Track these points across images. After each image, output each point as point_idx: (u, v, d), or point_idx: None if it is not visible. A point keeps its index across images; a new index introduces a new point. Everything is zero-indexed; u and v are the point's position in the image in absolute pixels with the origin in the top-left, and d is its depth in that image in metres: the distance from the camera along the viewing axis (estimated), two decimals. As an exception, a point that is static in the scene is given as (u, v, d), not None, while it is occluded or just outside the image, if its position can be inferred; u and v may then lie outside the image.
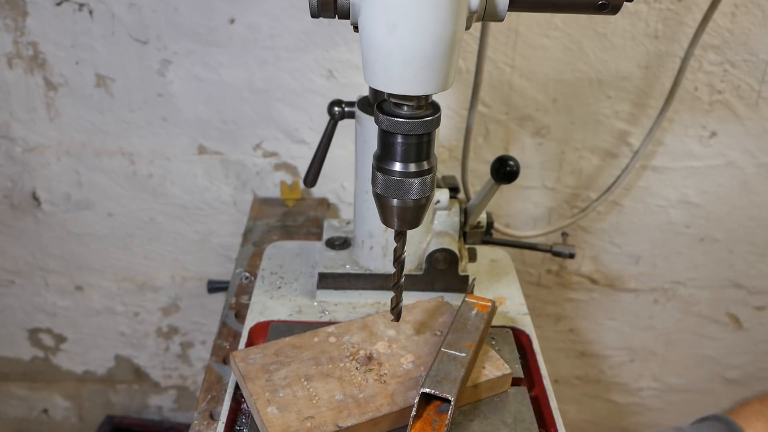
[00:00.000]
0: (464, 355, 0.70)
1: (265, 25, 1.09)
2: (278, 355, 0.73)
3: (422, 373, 0.71)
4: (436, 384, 0.65)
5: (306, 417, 0.65)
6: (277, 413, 0.66)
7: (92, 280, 1.36)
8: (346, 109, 0.83)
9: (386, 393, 0.69)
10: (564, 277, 1.36)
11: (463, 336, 0.73)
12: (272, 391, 0.68)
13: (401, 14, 0.51)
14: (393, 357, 0.74)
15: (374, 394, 0.69)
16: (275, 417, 0.65)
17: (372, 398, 0.68)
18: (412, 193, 0.61)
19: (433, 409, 0.66)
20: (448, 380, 0.66)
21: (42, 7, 1.08)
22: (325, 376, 0.71)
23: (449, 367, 0.68)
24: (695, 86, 1.14)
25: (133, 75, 1.14)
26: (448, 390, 0.65)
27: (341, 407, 0.67)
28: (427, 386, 0.65)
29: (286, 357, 0.73)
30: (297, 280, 0.92)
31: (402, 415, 0.68)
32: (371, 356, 0.74)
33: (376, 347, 0.75)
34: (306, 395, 0.68)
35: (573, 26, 1.09)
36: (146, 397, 1.55)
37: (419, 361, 0.73)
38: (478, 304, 0.79)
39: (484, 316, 0.77)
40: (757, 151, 1.20)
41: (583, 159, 1.22)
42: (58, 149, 1.21)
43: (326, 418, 0.65)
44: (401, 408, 0.67)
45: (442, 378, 0.66)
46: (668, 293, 1.38)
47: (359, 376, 0.71)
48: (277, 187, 1.24)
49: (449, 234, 0.88)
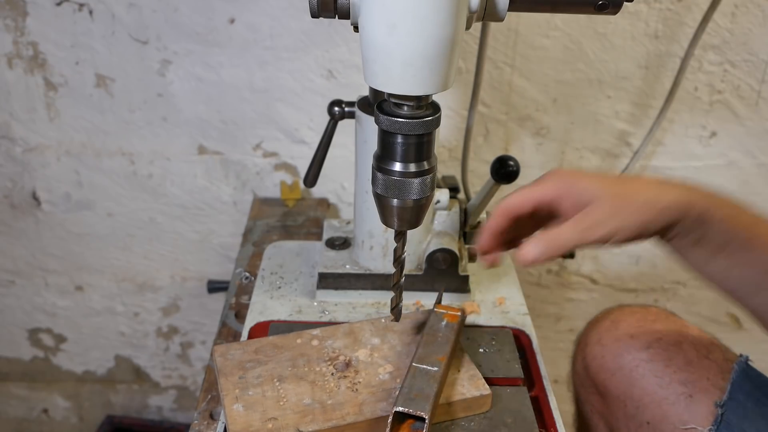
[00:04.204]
0: (436, 369, 0.68)
1: (265, 25, 1.09)
2: (257, 354, 0.73)
3: (397, 386, 0.69)
4: (409, 402, 0.63)
5: (269, 418, 0.65)
6: (242, 411, 0.66)
7: (92, 280, 1.36)
8: (346, 109, 0.83)
9: (355, 402, 0.68)
10: (564, 277, 1.36)
11: (435, 349, 0.71)
12: (242, 388, 0.68)
13: (401, 14, 0.51)
14: (371, 366, 0.72)
15: (343, 402, 0.67)
16: (239, 415, 0.65)
17: (340, 406, 0.67)
18: (412, 193, 0.61)
19: (407, 428, 0.64)
20: (422, 396, 0.64)
21: (42, 7, 1.08)
22: (298, 378, 0.70)
23: (422, 383, 0.66)
24: (695, 86, 1.14)
25: (133, 75, 1.14)
26: (422, 407, 0.62)
27: (307, 411, 0.66)
28: (400, 404, 0.63)
29: (265, 356, 0.72)
30: (297, 280, 0.92)
31: (370, 427, 0.66)
32: (350, 363, 0.72)
33: (357, 354, 0.74)
34: (275, 396, 0.68)
35: (573, 26, 1.09)
36: (146, 397, 1.55)
37: (397, 372, 0.72)
38: (448, 314, 0.76)
39: (454, 326, 0.74)
40: (757, 151, 1.20)
41: (583, 159, 1.22)
42: (58, 149, 1.21)
43: (289, 421, 0.65)
44: (368, 419, 0.66)
45: (415, 395, 0.64)
46: (668, 293, 1.38)
47: (332, 382, 0.70)
48: (277, 187, 1.24)
49: (449, 234, 0.88)
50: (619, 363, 0.79)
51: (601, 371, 0.81)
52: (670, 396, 0.75)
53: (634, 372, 0.78)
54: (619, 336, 0.81)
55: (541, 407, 0.75)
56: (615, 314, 0.85)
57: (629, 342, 0.80)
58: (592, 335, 0.85)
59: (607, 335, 0.83)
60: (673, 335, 0.80)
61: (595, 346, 0.83)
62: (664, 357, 0.77)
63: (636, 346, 0.79)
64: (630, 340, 0.80)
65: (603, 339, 0.83)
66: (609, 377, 0.80)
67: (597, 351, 0.83)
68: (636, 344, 0.79)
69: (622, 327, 0.82)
